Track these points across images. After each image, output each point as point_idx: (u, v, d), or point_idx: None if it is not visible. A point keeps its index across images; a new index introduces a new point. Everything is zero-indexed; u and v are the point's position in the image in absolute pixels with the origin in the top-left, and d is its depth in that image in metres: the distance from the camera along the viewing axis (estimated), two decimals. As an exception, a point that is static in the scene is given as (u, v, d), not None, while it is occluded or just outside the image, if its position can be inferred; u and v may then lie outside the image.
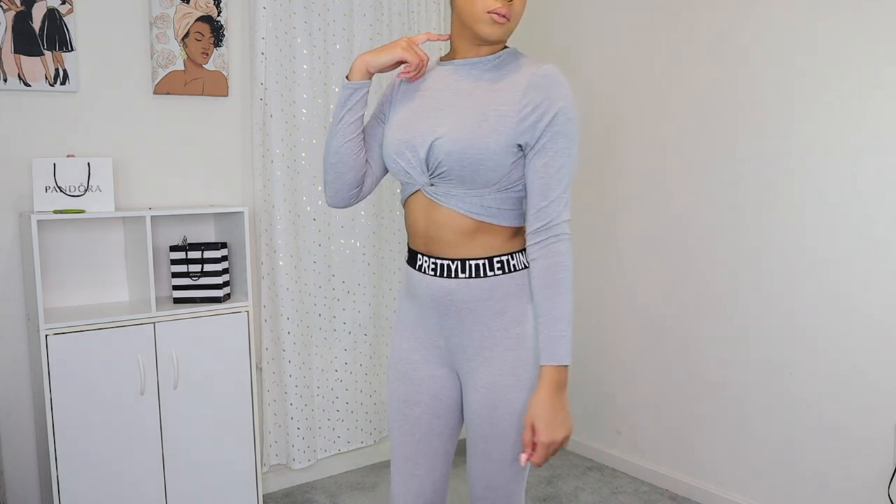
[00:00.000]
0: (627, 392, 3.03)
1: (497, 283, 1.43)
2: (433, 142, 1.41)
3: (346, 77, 1.50)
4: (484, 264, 1.43)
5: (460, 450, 3.33)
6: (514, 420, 1.44)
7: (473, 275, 1.43)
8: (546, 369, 1.38)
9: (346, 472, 3.11)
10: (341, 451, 3.07)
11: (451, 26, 1.50)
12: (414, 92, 1.50)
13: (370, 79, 1.50)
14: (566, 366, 1.39)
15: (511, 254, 1.44)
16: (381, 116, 1.57)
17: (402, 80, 1.54)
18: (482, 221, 1.42)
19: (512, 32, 1.44)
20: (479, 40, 1.44)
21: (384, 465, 3.18)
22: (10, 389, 2.40)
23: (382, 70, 1.50)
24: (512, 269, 1.44)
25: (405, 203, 1.53)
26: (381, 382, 3.16)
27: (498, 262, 1.43)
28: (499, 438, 1.45)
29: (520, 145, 1.39)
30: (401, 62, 1.49)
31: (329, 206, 1.63)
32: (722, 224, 2.62)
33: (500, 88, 1.41)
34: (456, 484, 2.95)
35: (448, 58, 1.51)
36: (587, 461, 3.19)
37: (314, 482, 3.02)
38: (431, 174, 1.43)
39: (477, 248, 1.43)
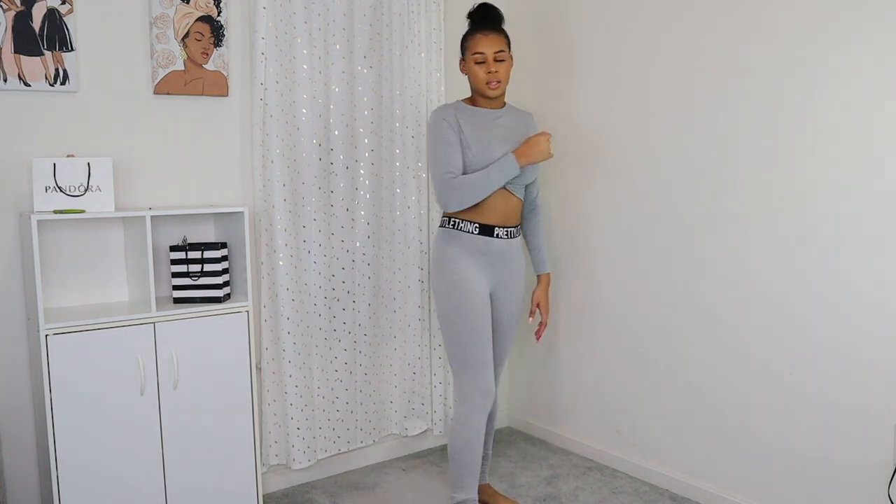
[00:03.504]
0: (628, 392, 3.04)
1: (519, 241, 2.61)
2: None
3: (514, 155, 2.42)
4: (519, 228, 2.60)
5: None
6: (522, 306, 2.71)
7: (515, 235, 2.55)
8: (546, 274, 2.73)
9: (346, 472, 3.11)
10: (341, 451, 3.07)
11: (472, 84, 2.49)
12: (480, 125, 2.46)
13: None
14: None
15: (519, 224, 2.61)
16: (460, 138, 2.43)
17: (457, 115, 2.44)
18: (520, 201, 2.54)
19: (505, 87, 2.48)
20: (486, 96, 2.47)
21: (384, 465, 3.18)
22: (10, 389, 2.40)
23: None
24: (519, 234, 2.63)
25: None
26: (381, 382, 3.16)
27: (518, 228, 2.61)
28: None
29: None
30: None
31: (455, 209, 2.42)
32: (722, 224, 2.62)
33: (524, 128, 2.57)
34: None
35: (471, 103, 2.52)
36: (587, 461, 3.19)
37: (314, 482, 3.02)
38: (516, 176, 2.46)
39: (517, 219, 2.56)
